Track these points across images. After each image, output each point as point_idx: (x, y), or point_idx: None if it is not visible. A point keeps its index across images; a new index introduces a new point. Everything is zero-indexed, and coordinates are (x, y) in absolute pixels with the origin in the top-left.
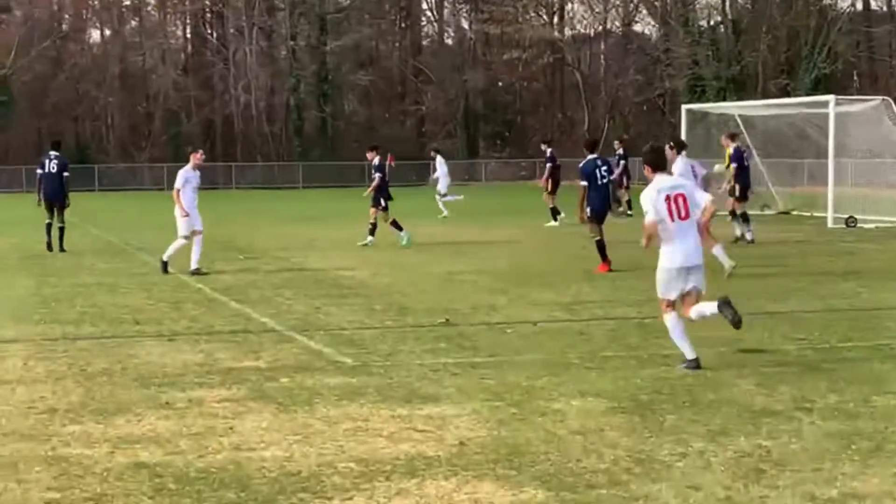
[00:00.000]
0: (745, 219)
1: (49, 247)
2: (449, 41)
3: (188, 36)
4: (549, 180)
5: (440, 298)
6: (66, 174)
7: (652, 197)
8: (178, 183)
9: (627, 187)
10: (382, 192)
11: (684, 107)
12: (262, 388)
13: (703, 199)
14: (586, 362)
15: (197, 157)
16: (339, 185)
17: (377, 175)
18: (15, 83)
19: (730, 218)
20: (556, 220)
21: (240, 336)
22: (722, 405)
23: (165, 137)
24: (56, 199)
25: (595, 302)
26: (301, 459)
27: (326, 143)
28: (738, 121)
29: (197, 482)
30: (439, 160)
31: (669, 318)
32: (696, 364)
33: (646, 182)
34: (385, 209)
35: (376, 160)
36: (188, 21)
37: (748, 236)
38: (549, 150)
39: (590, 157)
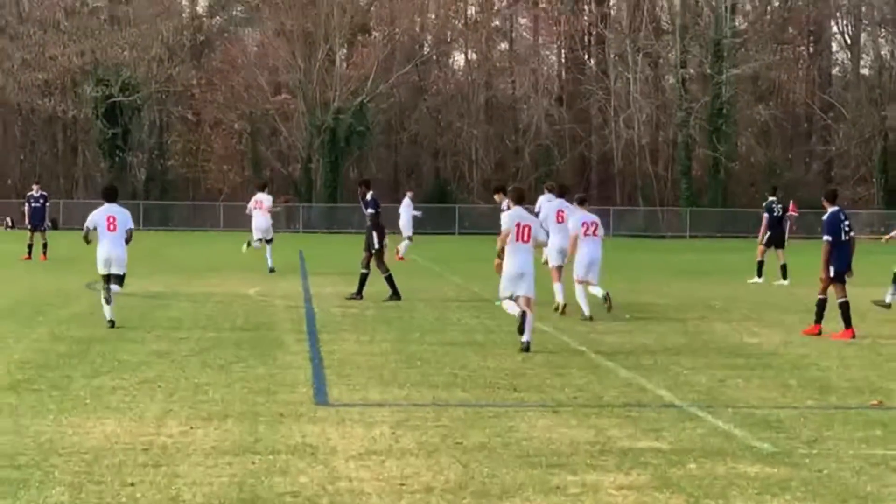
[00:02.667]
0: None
1: (397, 294)
2: (865, 71)
3: (563, 61)
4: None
5: (867, 374)
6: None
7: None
8: None
9: None
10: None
11: None
12: (667, 474)
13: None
14: None
15: None
16: (731, 235)
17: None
18: (372, 112)
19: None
20: (760, 276)
21: (634, 410)
22: None
23: (535, 176)
24: None
25: None
26: None
27: (717, 187)
28: None
29: None
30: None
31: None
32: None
33: None
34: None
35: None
36: (563, 44)
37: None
38: (772, 200)
39: (832, 209)
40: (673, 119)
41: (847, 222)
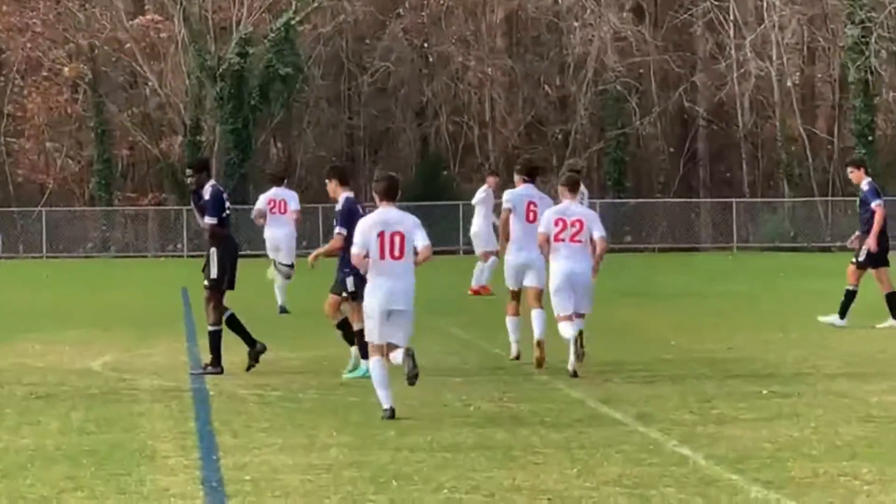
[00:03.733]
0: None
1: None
2: None
3: None
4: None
5: None
6: None
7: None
8: None
9: None
10: None
11: None
12: None
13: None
14: None
15: None
16: None
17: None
18: (306, 42)
19: None
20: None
21: None
22: None
23: (596, 148)
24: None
25: None
26: None
27: None
28: None
29: None
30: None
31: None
32: (391, 414)
33: None
34: None
35: None
36: None
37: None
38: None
39: None
40: (839, 40)
41: None
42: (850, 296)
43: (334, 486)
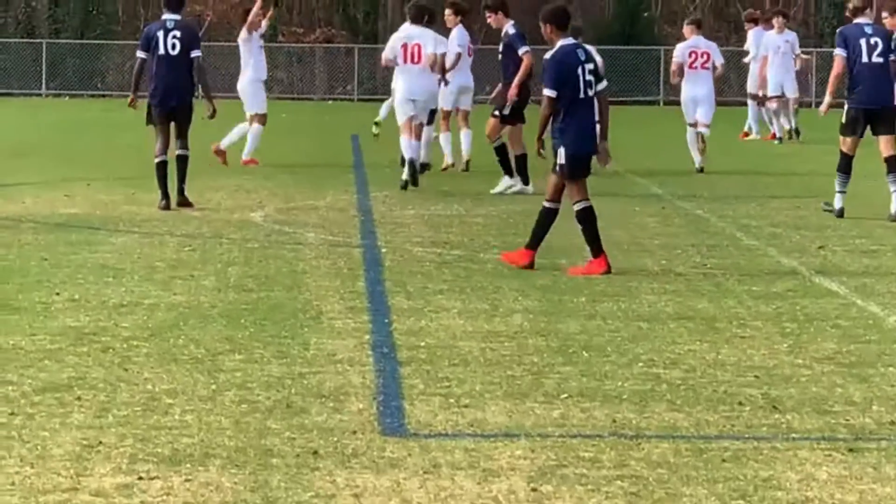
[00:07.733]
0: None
1: (165, 202)
2: None
3: None
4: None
5: None
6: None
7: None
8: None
9: None
10: None
11: None
12: None
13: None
14: None
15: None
16: None
17: None
18: None
19: None
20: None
21: None
22: None
23: None
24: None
25: None
26: None
27: None
28: None
29: None
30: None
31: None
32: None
33: None
34: None
35: None
36: None
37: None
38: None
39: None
40: None
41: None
42: (501, 151)
43: (518, 355)
